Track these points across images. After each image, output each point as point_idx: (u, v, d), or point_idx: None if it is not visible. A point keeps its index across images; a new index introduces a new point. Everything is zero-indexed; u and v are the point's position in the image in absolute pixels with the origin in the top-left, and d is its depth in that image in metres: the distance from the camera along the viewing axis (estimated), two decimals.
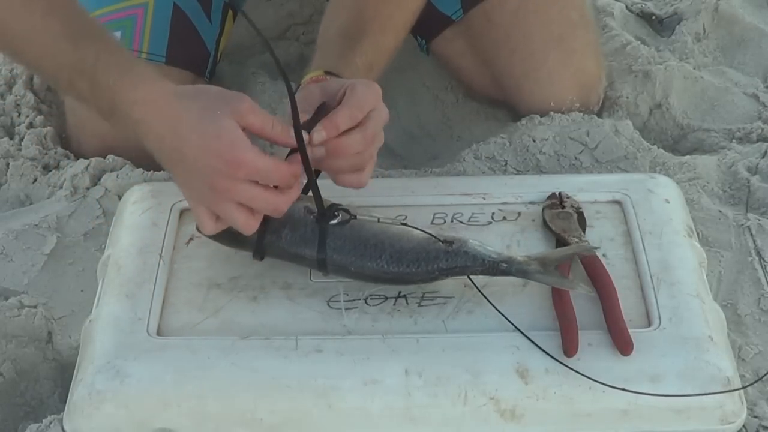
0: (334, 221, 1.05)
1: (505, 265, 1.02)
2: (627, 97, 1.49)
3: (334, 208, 1.05)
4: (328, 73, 1.12)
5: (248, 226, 1.01)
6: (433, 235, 1.03)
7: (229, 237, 1.05)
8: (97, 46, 1.04)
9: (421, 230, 1.03)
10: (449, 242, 1.03)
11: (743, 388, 0.99)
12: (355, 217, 1.05)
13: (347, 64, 1.15)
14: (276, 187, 1.00)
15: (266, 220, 1.03)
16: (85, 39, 1.04)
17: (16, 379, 1.14)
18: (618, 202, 1.17)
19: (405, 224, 1.04)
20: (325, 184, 1.05)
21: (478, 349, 0.98)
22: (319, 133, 1.00)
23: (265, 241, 1.06)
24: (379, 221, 1.05)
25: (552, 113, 1.39)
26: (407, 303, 1.04)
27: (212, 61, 1.42)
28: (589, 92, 1.44)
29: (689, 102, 1.52)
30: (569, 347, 0.98)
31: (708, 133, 1.47)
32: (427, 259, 1.02)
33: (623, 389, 0.95)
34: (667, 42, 1.64)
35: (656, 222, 1.13)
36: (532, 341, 0.98)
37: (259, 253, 1.06)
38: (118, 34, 1.34)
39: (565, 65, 1.40)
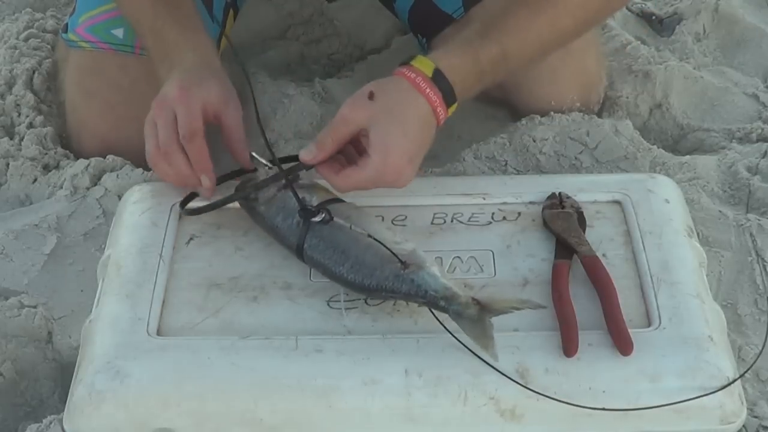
0: (316, 219, 1.06)
1: (443, 302, 0.99)
2: (627, 97, 1.49)
3: (320, 206, 1.07)
4: (436, 70, 1.10)
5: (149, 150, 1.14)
6: (394, 254, 1.02)
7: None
8: (169, 8, 1.21)
9: (387, 247, 1.02)
10: (405, 265, 1.01)
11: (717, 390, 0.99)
12: (332, 219, 1.06)
13: (463, 61, 1.12)
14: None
15: (265, 198, 1.10)
16: (164, 5, 1.22)
17: (16, 379, 1.14)
18: (618, 202, 1.17)
19: (372, 237, 1.03)
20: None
21: (478, 349, 0.98)
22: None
23: (260, 219, 1.11)
24: (351, 228, 1.05)
25: (552, 113, 1.39)
26: (407, 303, 1.04)
27: None
28: (590, 91, 1.44)
29: (689, 102, 1.52)
30: (569, 347, 0.98)
31: (708, 133, 1.47)
32: (379, 278, 1.02)
33: (602, 408, 0.95)
34: (667, 42, 1.64)
35: (656, 222, 1.13)
36: (486, 361, 0.96)
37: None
38: (120, 30, 1.35)
39: (565, 64, 1.40)
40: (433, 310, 1.00)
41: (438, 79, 1.10)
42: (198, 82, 1.16)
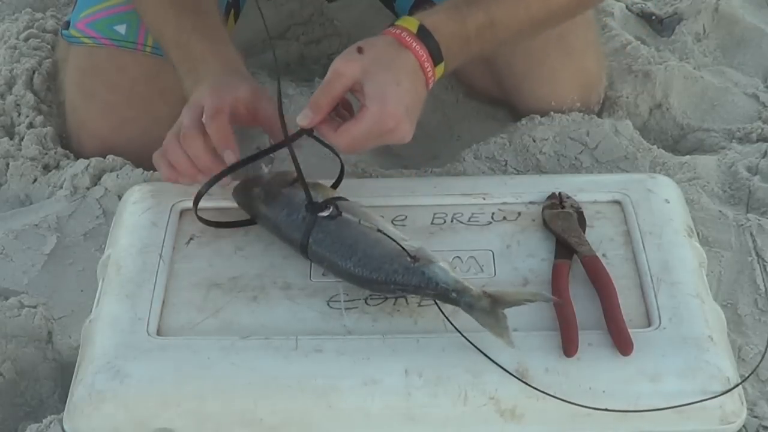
0: (324, 213, 1.06)
1: (454, 294, 0.99)
2: (627, 97, 1.49)
3: (327, 202, 1.07)
4: (421, 27, 1.09)
5: (166, 176, 1.14)
6: (404, 248, 1.02)
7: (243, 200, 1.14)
8: (194, 20, 1.20)
9: (396, 242, 1.02)
10: (415, 259, 1.01)
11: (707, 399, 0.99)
12: (341, 214, 1.06)
13: (449, 21, 1.11)
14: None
15: (268, 196, 1.10)
16: (187, 13, 1.21)
17: (16, 379, 1.14)
18: (618, 202, 1.17)
19: (381, 231, 1.03)
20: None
21: (482, 346, 0.98)
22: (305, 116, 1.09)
23: (262, 215, 1.11)
24: (360, 223, 1.05)
25: (552, 113, 1.39)
26: (407, 303, 1.04)
27: None
28: (590, 91, 1.44)
29: (689, 102, 1.52)
30: (569, 347, 0.98)
31: (708, 133, 1.47)
32: (388, 271, 1.01)
33: (603, 408, 0.95)
34: (667, 42, 1.64)
35: (656, 222, 1.13)
36: (490, 358, 0.96)
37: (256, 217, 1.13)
38: (123, 27, 1.35)
39: (565, 64, 1.40)
40: (439, 304, 1.00)
41: (423, 34, 1.09)
42: (228, 84, 1.15)
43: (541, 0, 1.17)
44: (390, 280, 1.01)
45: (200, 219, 1.13)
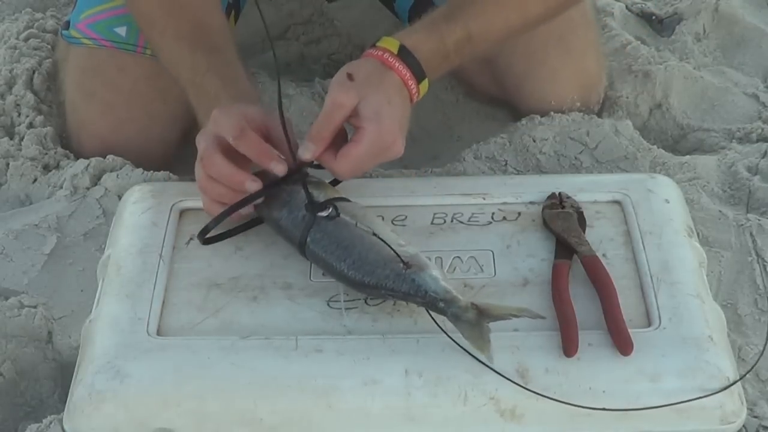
0: (323, 213, 1.06)
1: (442, 304, 0.99)
2: (627, 97, 1.49)
3: (327, 202, 1.07)
4: (402, 47, 1.11)
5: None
6: (397, 254, 1.01)
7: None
8: (209, 58, 1.18)
9: (391, 247, 1.02)
10: (408, 265, 1.01)
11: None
12: (339, 215, 1.06)
13: (428, 39, 1.13)
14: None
15: (271, 192, 1.09)
16: (201, 51, 1.19)
17: (16, 379, 1.14)
18: (618, 202, 1.17)
19: (376, 236, 1.03)
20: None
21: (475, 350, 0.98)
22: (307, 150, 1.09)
23: (266, 212, 1.10)
24: (356, 225, 1.05)
25: (552, 113, 1.39)
26: (407, 303, 1.04)
27: None
28: (590, 91, 1.44)
29: (689, 102, 1.52)
30: (569, 347, 0.98)
31: (708, 133, 1.47)
32: (380, 276, 1.01)
33: (600, 408, 0.95)
34: (667, 42, 1.64)
35: (656, 222, 1.13)
36: (486, 364, 0.96)
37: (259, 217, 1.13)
38: (123, 29, 1.35)
39: (565, 64, 1.40)
40: (430, 311, 1.00)
41: (404, 54, 1.11)
42: (234, 105, 1.13)
43: (519, 10, 1.19)
44: (381, 285, 1.01)
45: (205, 243, 1.12)
